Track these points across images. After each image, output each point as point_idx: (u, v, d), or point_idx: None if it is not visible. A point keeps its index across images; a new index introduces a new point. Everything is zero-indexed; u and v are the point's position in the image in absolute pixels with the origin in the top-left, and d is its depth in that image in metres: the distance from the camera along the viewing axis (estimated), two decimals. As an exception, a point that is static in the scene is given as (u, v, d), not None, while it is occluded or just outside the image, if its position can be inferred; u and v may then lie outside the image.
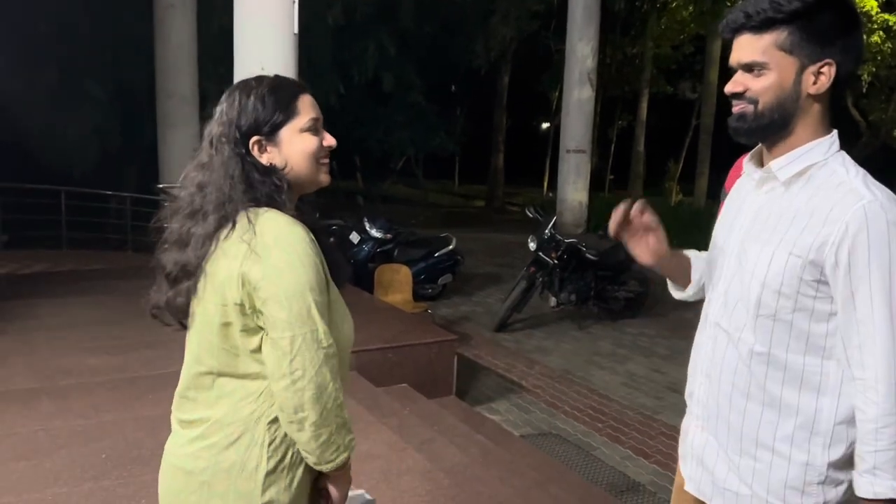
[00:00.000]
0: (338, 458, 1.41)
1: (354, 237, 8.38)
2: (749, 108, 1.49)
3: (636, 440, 4.88)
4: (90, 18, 12.16)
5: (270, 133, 1.45)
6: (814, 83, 1.45)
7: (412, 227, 11.40)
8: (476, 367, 6.23)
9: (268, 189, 1.42)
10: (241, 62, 6.55)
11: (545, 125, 27.49)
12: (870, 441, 1.39)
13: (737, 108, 1.52)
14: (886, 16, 14.63)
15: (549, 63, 22.58)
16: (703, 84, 20.14)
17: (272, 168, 1.45)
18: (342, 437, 1.41)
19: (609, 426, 5.12)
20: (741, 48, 1.48)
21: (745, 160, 1.65)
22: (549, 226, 7.75)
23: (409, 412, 4.24)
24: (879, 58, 14.68)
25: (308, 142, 1.47)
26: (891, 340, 1.38)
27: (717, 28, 1.56)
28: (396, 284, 7.23)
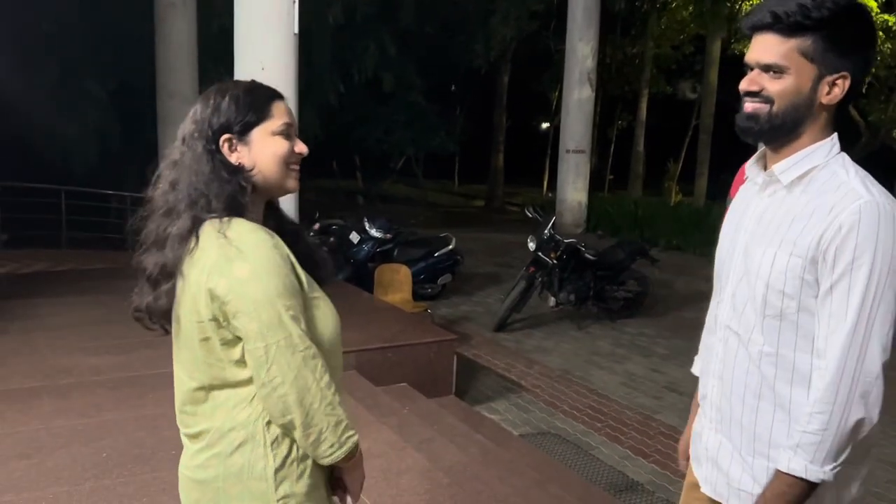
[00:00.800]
0: (334, 454, 1.41)
1: (354, 237, 8.38)
2: (764, 108, 1.50)
3: (635, 440, 4.89)
4: (91, 18, 12.16)
5: (242, 132, 1.46)
6: (828, 93, 1.47)
7: (412, 227, 11.41)
8: (475, 367, 6.25)
9: (232, 189, 1.42)
10: (242, 62, 6.57)
11: (545, 125, 27.50)
12: (802, 422, 1.46)
13: (749, 107, 1.53)
14: (886, 16, 14.64)
15: (549, 63, 22.59)
16: (703, 84, 20.15)
17: (240, 168, 1.45)
18: (336, 435, 1.40)
19: (608, 426, 5.13)
20: (763, 48, 1.49)
21: (749, 164, 1.67)
22: (549, 226, 7.76)
23: (409, 411, 4.25)
24: (879, 58, 14.69)
25: (279, 145, 1.48)
26: (850, 337, 1.41)
27: (743, 21, 1.56)
28: (396, 284, 7.24)
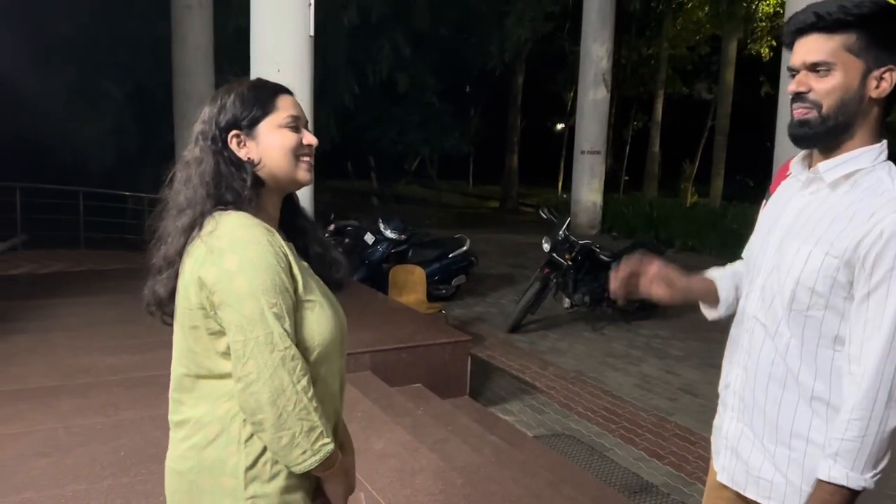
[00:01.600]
0: (305, 462, 1.37)
1: (369, 238, 8.41)
2: (812, 113, 1.52)
3: (649, 441, 4.88)
4: (109, 20, 12.28)
5: (249, 127, 1.46)
6: (876, 87, 1.49)
7: (426, 228, 11.43)
8: (489, 368, 6.25)
9: (236, 183, 1.43)
10: (257, 63, 6.61)
11: (560, 126, 27.45)
12: (840, 429, 1.46)
13: (799, 113, 1.54)
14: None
15: (564, 64, 22.55)
16: (719, 85, 20.05)
17: (245, 163, 1.46)
18: (309, 441, 1.35)
19: (622, 427, 5.12)
20: (808, 48, 1.51)
21: (794, 162, 1.69)
22: (563, 227, 7.76)
23: (423, 412, 4.26)
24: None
25: (286, 137, 1.47)
26: (889, 344, 1.42)
27: (785, 26, 1.59)
28: (410, 285, 7.26)
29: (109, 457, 3.26)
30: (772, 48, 19.83)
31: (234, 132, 1.46)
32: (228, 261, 1.34)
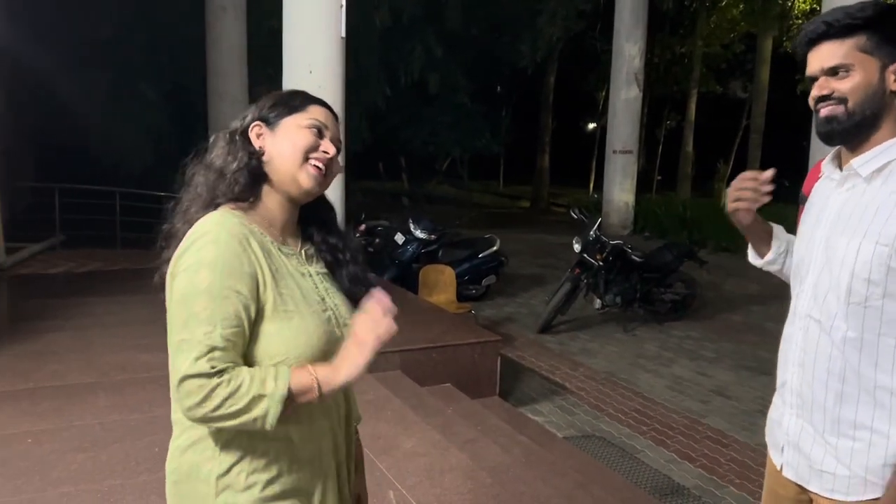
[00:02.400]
0: (268, 415, 1.25)
1: (399, 238, 8.44)
2: (839, 109, 1.57)
3: (681, 444, 4.83)
4: (146, 23, 12.49)
5: (273, 122, 1.44)
6: (895, 80, 1.54)
7: (456, 228, 11.43)
8: (519, 369, 6.24)
9: (232, 177, 1.40)
10: (290, 64, 6.67)
11: (591, 126, 27.29)
12: None
13: (825, 111, 1.59)
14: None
15: (596, 63, 22.42)
16: (754, 83, 19.77)
17: (252, 155, 1.42)
18: (255, 408, 1.24)
19: (654, 429, 5.07)
20: (823, 55, 1.58)
21: (825, 162, 1.74)
22: (595, 227, 7.71)
23: (453, 412, 4.26)
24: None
25: (302, 136, 1.42)
26: None
27: (796, 40, 1.66)
28: (440, 285, 7.27)
29: (144, 452, 3.32)
30: (808, 46, 19.46)
31: (258, 123, 1.45)
32: (184, 259, 1.30)
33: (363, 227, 9.12)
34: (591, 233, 7.64)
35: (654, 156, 25.51)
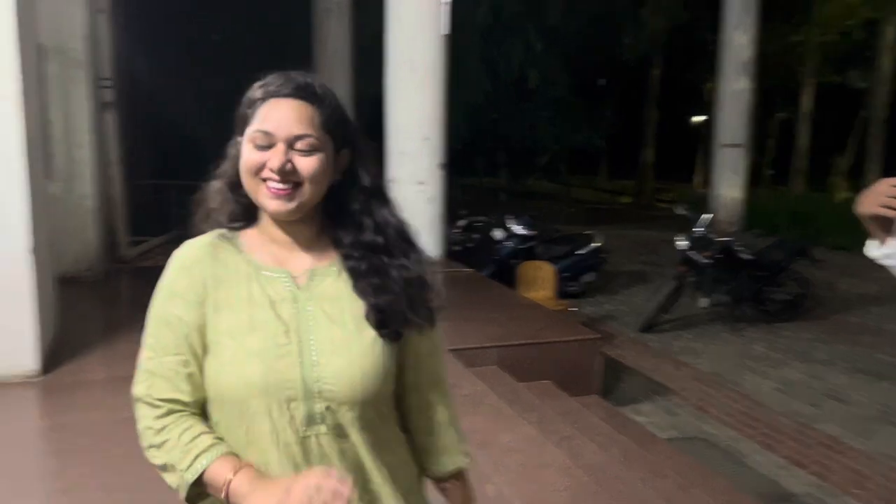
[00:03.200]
0: (176, 486, 1.15)
1: (498, 234, 8.45)
2: None
3: (791, 449, 4.63)
4: (255, 25, 12.99)
5: (241, 133, 1.22)
6: None
7: (555, 224, 11.34)
8: (620, 368, 6.14)
9: (220, 200, 1.29)
10: (392, 62, 6.80)
11: (698, 119, 26.43)
12: None
13: None
14: None
15: (704, 54, 21.66)
16: (875, 72, 18.63)
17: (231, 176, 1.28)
18: (169, 476, 1.16)
19: (761, 433, 4.89)
20: None
21: None
22: (702, 224, 7.49)
23: (551, 409, 4.25)
24: None
25: (248, 155, 1.18)
26: None
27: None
28: (539, 282, 7.24)
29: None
30: (937, 30, 18.19)
31: (237, 138, 1.24)
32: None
33: (462, 224, 9.18)
34: (698, 230, 7.43)
35: (766, 149, 24.46)
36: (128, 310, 6.29)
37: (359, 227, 1.23)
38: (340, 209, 1.24)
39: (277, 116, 1.16)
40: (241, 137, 1.21)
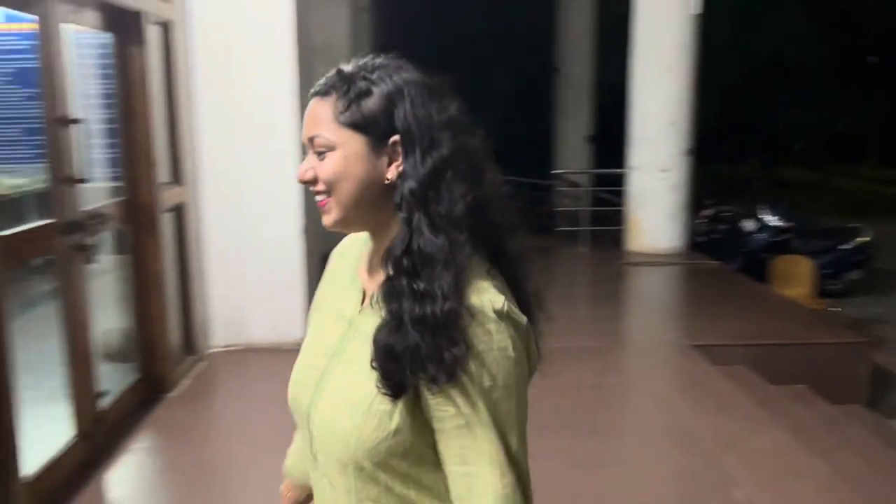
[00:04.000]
0: None
1: (748, 225, 7.94)
2: None
3: None
4: (496, 13, 13.26)
5: None
6: None
7: (814, 215, 10.39)
8: (891, 377, 5.49)
9: None
10: (638, 44, 6.65)
11: None
12: None
13: None
14: None
15: None
16: None
17: None
18: None
19: None
20: None
21: None
22: None
23: (807, 415, 3.92)
24: None
25: None
26: None
27: None
28: (795, 277, 6.67)
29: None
30: None
31: None
32: None
33: (709, 213, 8.73)
34: None
35: None
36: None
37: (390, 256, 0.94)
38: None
39: (307, 115, 0.99)
40: None
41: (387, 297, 0.92)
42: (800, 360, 4.60)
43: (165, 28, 3.96)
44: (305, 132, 0.98)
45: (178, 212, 4.19)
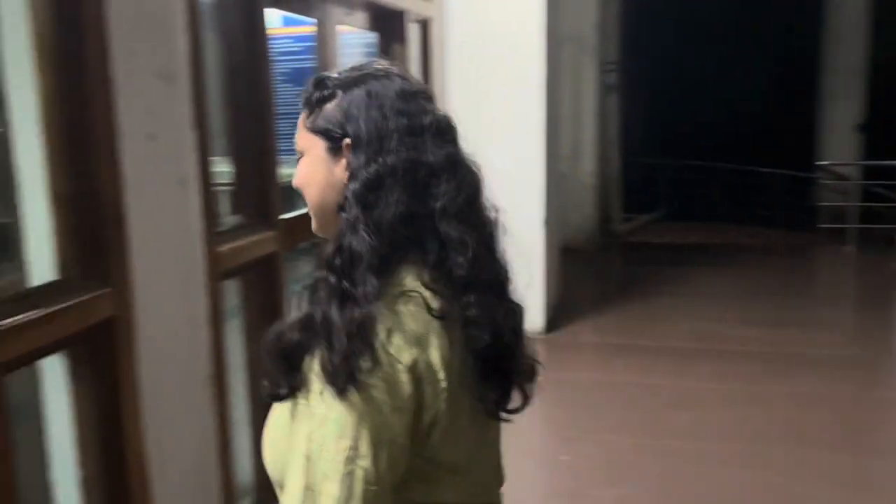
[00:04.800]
0: None
1: None
2: None
3: None
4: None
5: None
6: None
7: None
8: None
9: None
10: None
11: None
12: None
13: None
14: None
15: None
16: None
17: None
18: None
19: None
20: None
21: None
22: None
23: None
24: None
25: None
26: None
27: None
28: None
29: (736, 423, 3.40)
30: None
31: None
32: None
33: None
34: None
35: None
36: (617, 283, 6.69)
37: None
38: None
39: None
40: None
41: (311, 292, 0.92)
42: None
43: (425, 25, 4.18)
44: None
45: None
